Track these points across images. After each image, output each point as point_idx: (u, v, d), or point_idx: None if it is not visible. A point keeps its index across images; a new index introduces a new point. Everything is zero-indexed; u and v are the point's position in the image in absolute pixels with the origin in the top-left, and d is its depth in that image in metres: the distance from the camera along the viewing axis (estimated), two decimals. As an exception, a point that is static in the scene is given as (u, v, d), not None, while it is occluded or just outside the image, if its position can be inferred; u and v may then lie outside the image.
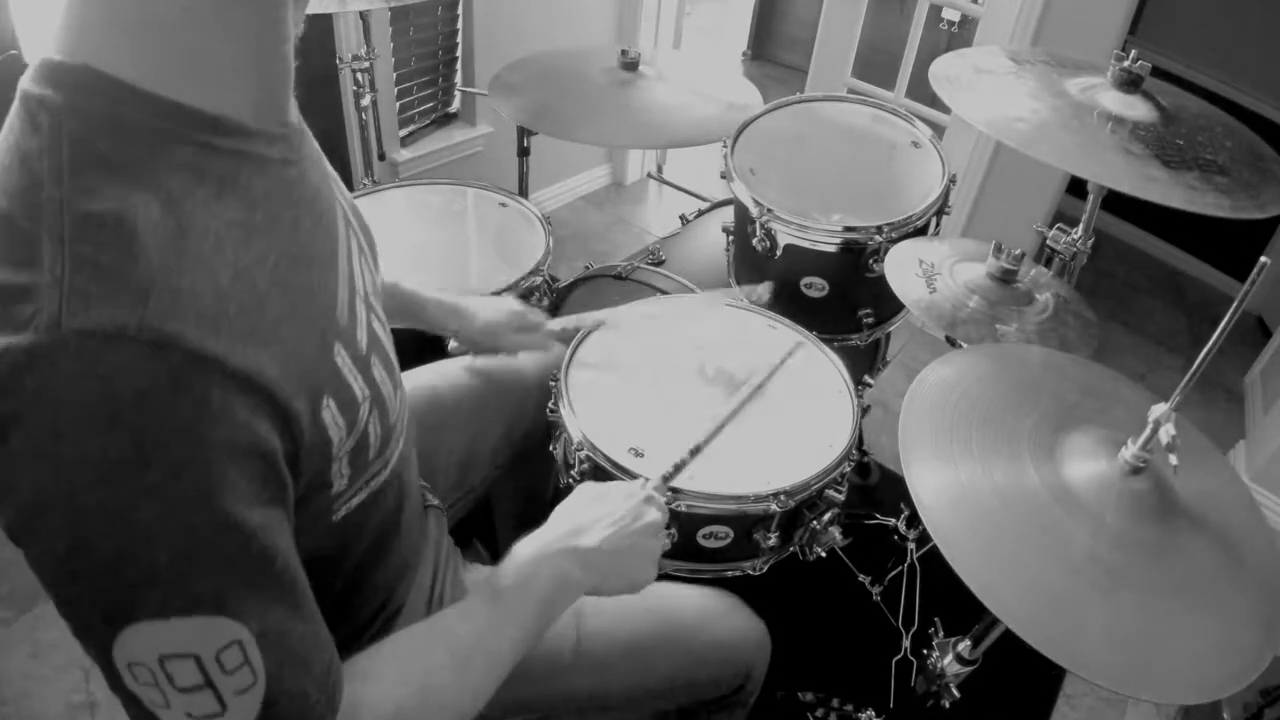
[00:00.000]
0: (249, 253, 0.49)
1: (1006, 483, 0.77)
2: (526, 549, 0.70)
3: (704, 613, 0.93)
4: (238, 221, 0.49)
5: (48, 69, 0.45)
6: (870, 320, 1.40)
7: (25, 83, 0.46)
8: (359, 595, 0.72)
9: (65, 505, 0.42)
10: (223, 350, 0.44)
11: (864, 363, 1.59)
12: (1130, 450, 0.76)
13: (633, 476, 0.93)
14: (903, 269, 1.17)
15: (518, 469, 1.15)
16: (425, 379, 1.08)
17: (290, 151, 0.56)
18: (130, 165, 0.45)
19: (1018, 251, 1.14)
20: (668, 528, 0.83)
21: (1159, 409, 0.74)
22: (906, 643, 1.34)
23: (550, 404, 1.04)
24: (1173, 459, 0.72)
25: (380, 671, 0.58)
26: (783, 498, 0.93)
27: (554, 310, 1.43)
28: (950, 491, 0.76)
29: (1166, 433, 0.73)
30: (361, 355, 0.59)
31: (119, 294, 0.42)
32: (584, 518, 0.73)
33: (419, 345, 1.08)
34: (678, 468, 0.87)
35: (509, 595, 0.66)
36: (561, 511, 0.75)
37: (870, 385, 1.31)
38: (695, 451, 0.89)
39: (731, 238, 1.49)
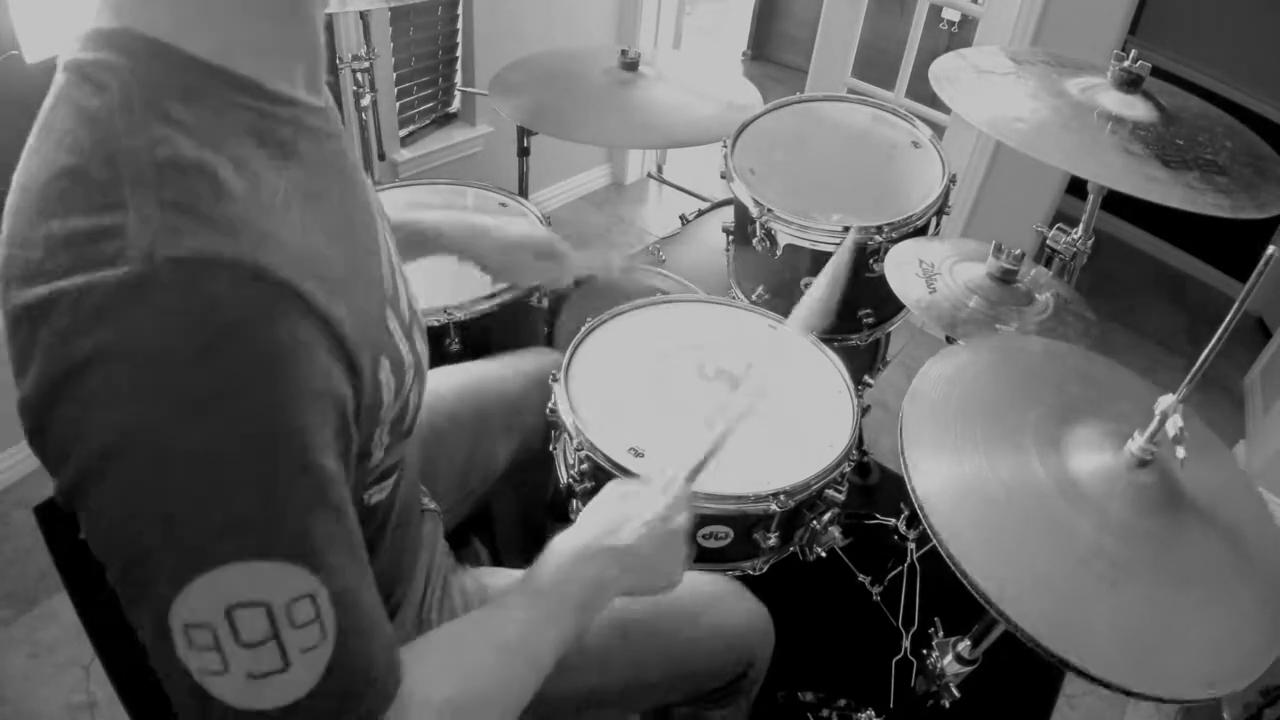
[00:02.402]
0: (310, 214, 0.49)
1: (1011, 475, 0.76)
2: (563, 549, 0.68)
3: (704, 598, 0.92)
4: (299, 183, 0.50)
5: (101, 36, 0.45)
6: (870, 320, 1.41)
7: (74, 53, 0.45)
8: None
9: (149, 446, 0.40)
10: (309, 289, 0.44)
11: (864, 363, 1.59)
12: (1137, 442, 0.75)
13: (633, 476, 0.93)
14: (903, 269, 1.17)
15: (518, 469, 1.15)
16: (427, 381, 1.08)
17: (331, 126, 0.57)
18: (200, 127, 0.45)
19: (1018, 251, 1.14)
20: None
21: (1166, 400, 0.73)
22: (906, 643, 1.34)
23: (550, 404, 1.04)
24: (1180, 451, 0.71)
25: (430, 661, 0.57)
26: (783, 498, 0.93)
27: (553, 310, 1.44)
28: (955, 485, 0.75)
29: (1174, 424, 0.72)
30: (406, 323, 0.60)
31: (211, 227, 0.41)
32: (616, 516, 0.71)
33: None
34: (699, 467, 0.86)
35: (549, 596, 0.65)
36: (593, 510, 0.73)
37: (870, 385, 1.31)
38: (711, 453, 0.88)
39: (731, 238, 1.49)
